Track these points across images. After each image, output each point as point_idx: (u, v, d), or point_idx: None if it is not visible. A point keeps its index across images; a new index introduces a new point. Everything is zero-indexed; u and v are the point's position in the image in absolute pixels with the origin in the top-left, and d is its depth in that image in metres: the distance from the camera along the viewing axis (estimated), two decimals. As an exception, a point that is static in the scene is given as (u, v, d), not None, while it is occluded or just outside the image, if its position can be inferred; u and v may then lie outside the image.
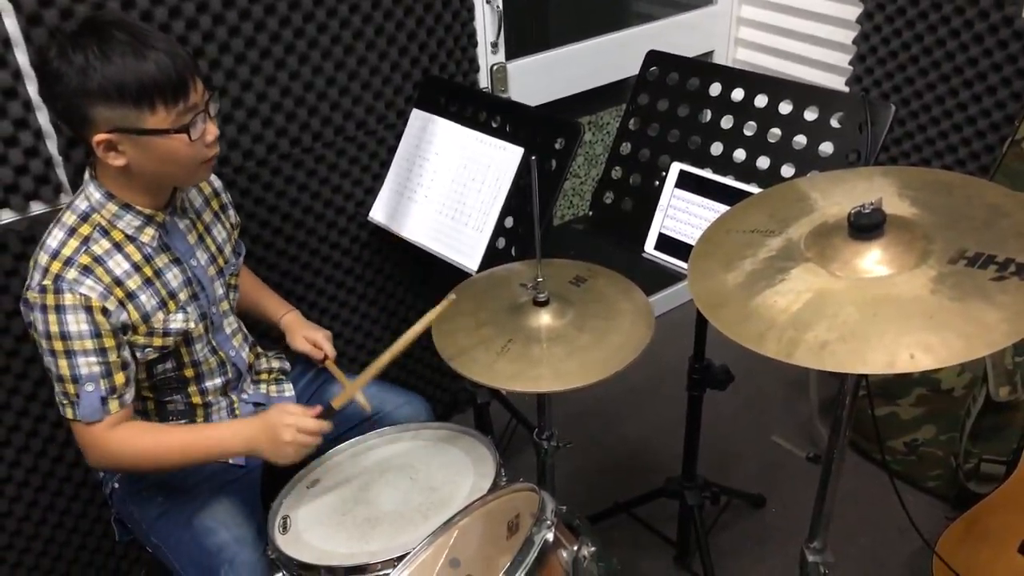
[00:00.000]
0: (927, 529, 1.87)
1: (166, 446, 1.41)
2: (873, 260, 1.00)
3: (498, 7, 2.12)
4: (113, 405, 1.34)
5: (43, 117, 1.60)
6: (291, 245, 2.04)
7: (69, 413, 1.33)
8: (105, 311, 1.30)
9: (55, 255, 1.29)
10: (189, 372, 1.49)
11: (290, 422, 1.37)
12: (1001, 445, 1.99)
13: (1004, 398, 1.93)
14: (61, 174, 1.66)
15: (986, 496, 1.77)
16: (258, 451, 1.40)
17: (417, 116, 1.99)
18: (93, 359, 1.30)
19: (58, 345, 1.28)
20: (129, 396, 1.37)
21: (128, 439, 1.37)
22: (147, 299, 1.37)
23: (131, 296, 1.34)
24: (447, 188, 1.87)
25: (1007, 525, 1.70)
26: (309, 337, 1.71)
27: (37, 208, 1.66)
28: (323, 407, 1.44)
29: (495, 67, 2.21)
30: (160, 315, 1.39)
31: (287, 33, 1.81)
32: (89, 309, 1.28)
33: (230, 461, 1.56)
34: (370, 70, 1.97)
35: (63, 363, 1.29)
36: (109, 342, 1.31)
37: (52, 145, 1.64)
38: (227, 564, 1.40)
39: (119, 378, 1.34)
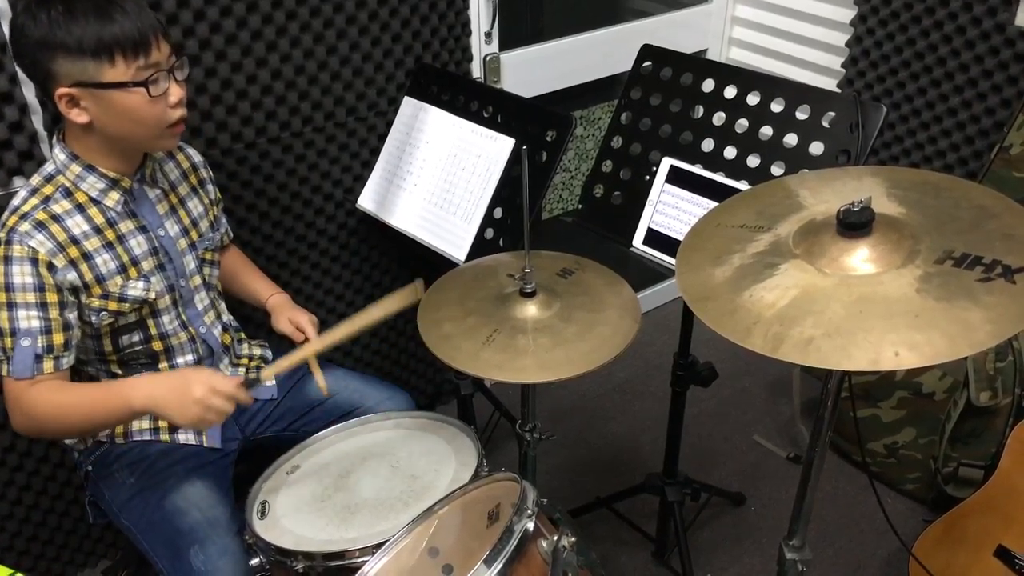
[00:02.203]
0: (905, 531, 1.88)
1: (79, 401, 1.34)
2: (861, 258, 1.00)
3: (493, -3, 2.12)
4: (47, 365, 1.32)
5: (28, 92, 1.58)
6: (277, 230, 2.02)
7: (3, 369, 1.31)
8: (51, 267, 1.29)
9: (14, 211, 1.31)
10: (157, 345, 1.48)
11: (204, 379, 1.29)
12: (980, 450, 2.01)
13: (984, 403, 1.95)
14: (45, 150, 1.64)
15: (964, 500, 1.78)
16: (163, 407, 1.30)
17: (408, 104, 1.98)
18: (33, 313, 1.29)
19: (1, 297, 1.28)
20: (66, 361, 1.35)
21: (42, 395, 1.33)
22: (104, 262, 1.36)
23: (86, 256, 1.34)
24: (436, 177, 1.86)
25: (984, 529, 1.72)
26: (294, 320, 1.68)
27: (20, 183, 1.64)
28: (246, 377, 1.37)
29: (488, 57, 2.20)
30: (118, 279, 1.38)
31: (279, 15, 1.79)
32: (35, 261, 1.28)
33: (204, 444, 1.55)
34: (362, 56, 1.96)
35: (3, 315, 1.29)
36: (52, 298, 1.30)
37: (37, 120, 1.62)
38: (197, 544, 1.38)
39: (57, 338, 1.32)
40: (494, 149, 1.77)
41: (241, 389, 1.33)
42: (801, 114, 1.52)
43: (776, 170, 1.54)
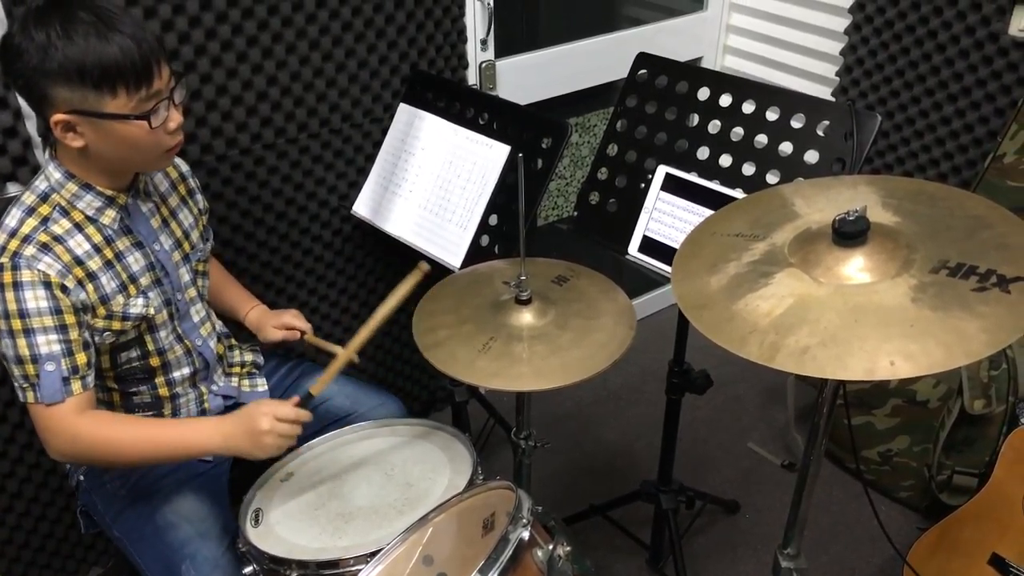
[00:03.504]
0: (899, 539, 1.88)
1: (138, 439, 1.35)
2: (856, 267, 1.00)
3: (489, 4, 2.12)
4: (75, 386, 1.30)
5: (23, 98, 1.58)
6: (272, 236, 2.02)
7: (30, 397, 1.28)
8: (64, 288, 1.27)
9: (13, 233, 1.27)
10: (155, 361, 1.46)
11: (267, 411, 1.33)
12: (974, 458, 2.01)
13: (978, 411, 1.95)
14: (39, 156, 1.64)
15: (958, 508, 1.78)
16: (237, 447, 1.34)
17: (404, 111, 1.98)
18: (53, 337, 1.26)
19: (16, 324, 1.24)
20: (91, 379, 1.33)
21: (96, 427, 1.32)
22: (107, 281, 1.34)
23: (91, 276, 1.31)
24: (432, 184, 1.86)
25: (978, 537, 1.72)
26: (279, 324, 1.68)
27: (14, 189, 1.63)
28: (300, 396, 1.41)
29: (484, 64, 2.20)
30: (120, 298, 1.36)
31: (275, 21, 1.79)
32: (48, 285, 1.25)
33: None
34: (358, 63, 1.96)
35: (22, 343, 1.25)
36: (70, 319, 1.27)
37: (31, 126, 1.61)
38: (189, 560, 1.38)
39: (81, 358, 1.30)
40: (490, 156, 1.77)
41: (300, 408, 1.37)
42: (796, 122, 1.52)
43: (771, 178, 1.54)
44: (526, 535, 1.12)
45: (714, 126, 1.62)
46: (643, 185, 1.69)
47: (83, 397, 1.31)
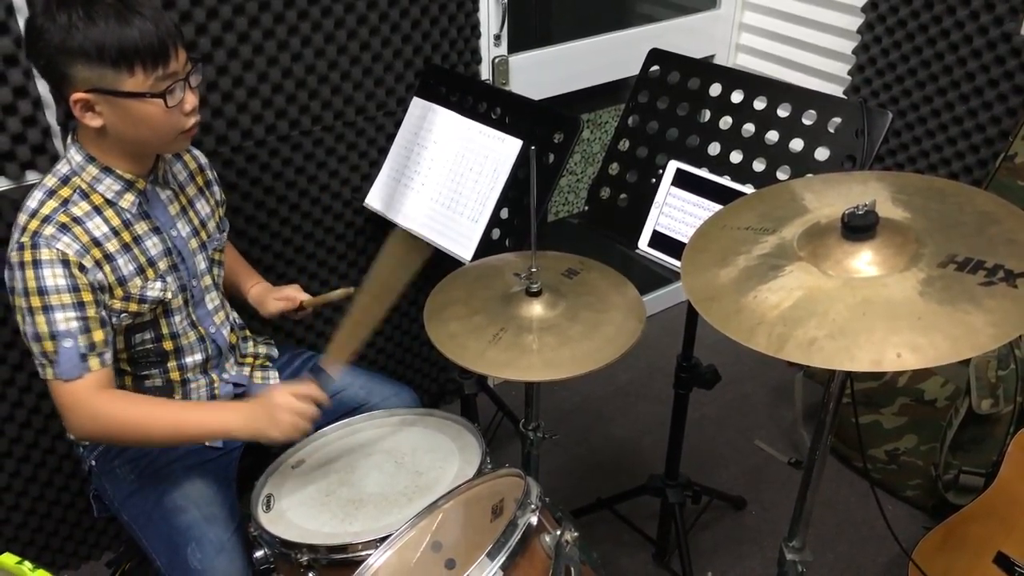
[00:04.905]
0: (905, 538, 1.89)
1: (160, 420, 1.37)
2: (864, 261, 1.01)
3: (502, 0, 2.13)
4: (93, 362, 1.32)
5: (43, 86, 1.60)
6: (285, 228, 2.04)
7: (49, 373, 1.31)
8: (82, 267, 1.29)
9: (33, 214, 1.30)
10: (168, 345, 1.48)
11: (280, 388, 1.36)
12: (981, 457, 2.01)
13: (986, 411, 1.95)
14: (58, 144, 1.66)
15: (964, 507, 1.79)
16: (256, 427, 1.35)
17: (417, 104, 1.99)
18: (71, 314, 1.29)
19: (35, 301, 1.27)
20: (109, 356, 1.35)
21: (115, 404, 1.34)
22: (124, 263, 1.36)
23: (108, 258, 1.34)
24: (444, 177, 1.88)
25: (984, 536, 1.72)
26: (279, 296, 1.70)
27: (33, 177, 1.66)
28: (311, 370, 1.41)
29: (497, 59, 2.21)
30: (137, 281, 1.38)
31: (291, 14, 1.81)
32: (66, 263, 1.28)
33: (205, 443, 1.55)
34: (372, 56, 1.97)
35: (40, 319, 1.28)
36: (87, 296, 1.30)
37: (51, 115, 1.63)
38: (194, 542, 1.39)
39: (98, 335, 1.32)
40: (502, 150, 1.78)
41: (313, 385, 1.38)
42: (807, 119, 1.53)
43: (781, 175, 1.55)
44: (534, 520, 1.14)
45: (725, 122, 1.63)
46: (654, 180, 1.70)
47: (101, 374, 1.33)
